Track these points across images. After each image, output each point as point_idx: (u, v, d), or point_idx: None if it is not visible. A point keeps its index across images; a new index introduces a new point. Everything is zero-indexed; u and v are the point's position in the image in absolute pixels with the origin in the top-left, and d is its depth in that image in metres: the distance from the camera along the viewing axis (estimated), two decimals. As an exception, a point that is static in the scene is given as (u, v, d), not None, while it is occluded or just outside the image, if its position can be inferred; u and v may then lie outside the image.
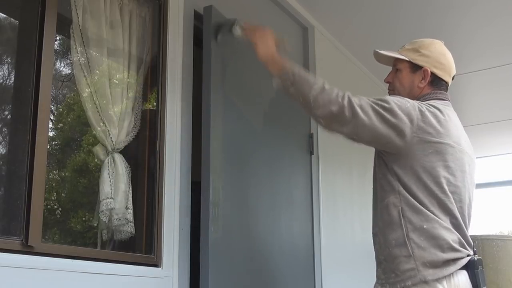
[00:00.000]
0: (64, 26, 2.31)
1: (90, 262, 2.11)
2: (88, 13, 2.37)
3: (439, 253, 1.92)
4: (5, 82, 2.51)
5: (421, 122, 2.01)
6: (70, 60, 2.50)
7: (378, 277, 2.04)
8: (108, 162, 2.34)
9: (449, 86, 2.24)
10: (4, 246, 1.85)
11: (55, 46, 2.33)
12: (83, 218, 3.05)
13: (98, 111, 2.34)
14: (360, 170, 4.24)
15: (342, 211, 3.96)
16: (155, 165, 2.49)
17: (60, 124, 3.43)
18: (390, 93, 2.27)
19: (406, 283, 1.91)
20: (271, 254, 2.88)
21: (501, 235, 4.94)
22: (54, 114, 3.36)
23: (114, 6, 2.48)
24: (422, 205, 1.97)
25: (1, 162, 2.44)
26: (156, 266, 2.37)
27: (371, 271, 2.17)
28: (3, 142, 2.52)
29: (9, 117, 2.47)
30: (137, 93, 2.57)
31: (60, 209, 3.10)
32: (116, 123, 2.39)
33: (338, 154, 3.91)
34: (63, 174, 3.33)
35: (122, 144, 2.41)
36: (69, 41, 2.33)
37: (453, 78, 2.26)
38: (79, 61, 2.32)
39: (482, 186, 6.93)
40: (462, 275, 1.95)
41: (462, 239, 1.99)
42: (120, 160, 2.38)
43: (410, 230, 1.95)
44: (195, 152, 2.63)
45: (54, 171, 3.27)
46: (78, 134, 3.39)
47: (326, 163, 3.69)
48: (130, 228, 2.36)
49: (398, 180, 2.00)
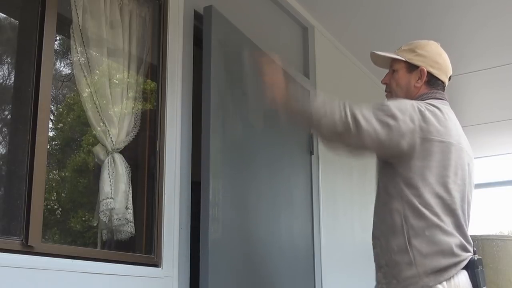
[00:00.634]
0: (64, 26, 2.31)
1: (90, 262, 2.11)
2: (88, 13, 2.37)
3: (441, 259, 1.92)
4: (5, 82, 2.51)
5: (422, 123, 2.01)
6: (70, 60, 2.51)
7: (378, 281, 2.04)
8: (108, 162, 2.34)
9: (446, 87, 2.24)
10: (4, 246, 1.85)
11: (55, 46, 2.33)
12: (83, 218, 3.05)
13: (98, 111, 2.34)
14: (360, 170, 4.24)
15: (342, 211, 3.96)
16: (155, 165, 2.49)
17: (60, 124, 3.43)
18: (387, 94, 2.27)
19: None
20: (271, 254, 2.88)
21: (501, 235, 4.94)
22: (54, 114, 3.37)
23: (114, 6, 2.48)
24: (427, 207, 1.97)
25: (1, 162, 2.44)
26: (156, 266, 2.37)
27: (371, 271, 2.17)
28: (3, 142, 2.52)
29: (9, 117, 2.47)
30: (137, 93, 2.57)
31: (60, 209, 3.10)
32: (116, 123, 2.39)
33: (338, 154, 3.91)
34: (63, 174, 3.33)
35: (122, 144, 2.41)
36: (69, 41, 2.33)
37: (449, 79, 2.26)
38: (79, 61, 2.32)
39: (482, 186, 6.92)
40: (462, 275, 1.95)
41: (464, 241, 1.99)
42: (120, 160, 2.38)
43: (412, 236, 1.94)
44: (195, 152, 2.64)
45: (54, 171, 3.27)
46: (78, 134, 3.39)
47: (326, 163, 3.69)
48: (130, 228, 2.36)
49: (403, 182, 2.00)
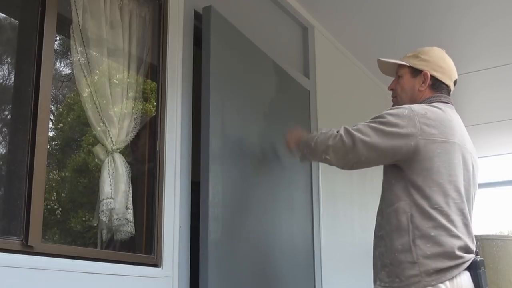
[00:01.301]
0: (64, 26, 2.31)
1: (90, 262, 2.11)
2: (88, 13, 2.37)
3: (444, 260, 1.94)
4: (5, 82, 2.51)
5: (424, 125, 2.03)
6: (70, 60, 2.50)
7: (381, 279, 2.04)
8: (108, 162, 2.34)
9: (451, 91, 2.26)
10: (4, 246, 1.85)
11: (55, 46, 2.33)
12: (83, 218, 3.05)
13: (98, 111, 2.34)
14: (360, 170, 4.21)
15: (342, 212, 3.96)
16: (155, 165, 2.49)
17: (60, 124, 3.44)
18: (393, 100, 2.33)
19: None
20: (271, 254, 2.88)
21: (501, 235, 4.93)
22: (54, 114, 3.37)
23: (114, 6, 2.48)
24: (435, 207, 1.98)
25: (1, 162, 2.44)
26: (156, 266, 2.37)
27: (371, 271, 2.17)
28: (3, 142, 2.52)
29: (9, 117, 2.47)
30: (137, 93, 2.57)
31: (60, 209, 3.10)
32: (116, 123, 2.39)
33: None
34: (63, 174, 3.33)
35: (122, 144, 2.41)
36: (69, 41, 2.32)
37: (455, 84, 2.28)
38: (79, 61, 2.32)
39: (482, 186, 6.87)
40: (465, 276, 1.97)
41: (468, 242, 2.00)
42: (120, 160, 2.38)
43: (417, 237, 1.96)
44: (195, 152, 2.64)
45: (54, 171, 3.27)
46: (78, 134, 3.39)
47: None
48: (130, 228, 2.36)
49: (411, 184, 2.02)
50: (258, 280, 2.75)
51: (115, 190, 2.33)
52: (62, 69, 3.14)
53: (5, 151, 2.49)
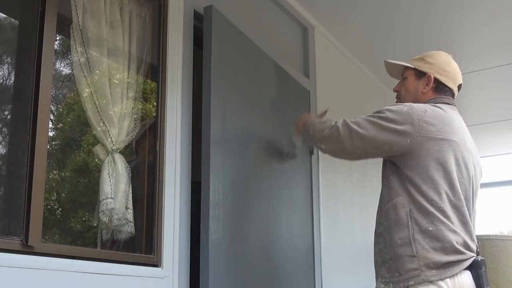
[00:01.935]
0: (64, 26, 2.31)
1: (90, 262, 2.11)
2: (88, 13, 2.37)
3: (443, 255, 1.95)
4: (5, 82, 2.51)
5: (422, 122, 2.05)
6: (70, 60, 2.50)
7: (381, 276, 2.05)
8: (108, 162, 2.34)
9: (455, 96, 2.27)
10: (4, 246, 1.85)
11: (55, 46, 2.33)
12: (83, 218, 3.05)
13: (98, 111, 2.34)
14: (360, 170, 4.24)
15: (342, 211, 3.96)
16: (155, 165, 2.49)
17: (60, 124, 3.44)
18: (397, 101, 2.36)
19: (409, 283, 1.94)
20: (271, 254, 2.88)
21: (501, 235, 4.93)
22: (54, 114, 3.37)
23: (114, 6, 2.48)
24: (432, 203, 2.00)
25: (1, 162, 2.44)
26: (156, 266, 2.37)
27: (371, 271, 2.17)
28: (3, 142, 2.52)
29: (9, 117, 2.47)
30: (137, 93, 2.57)
31: (60, 209, 3.10)
32: (116, 123, 2.39)
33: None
34: (63, 174, 3.33)
35: (122, 144, 2.41)
36: (69, 41, 2.32)
37: (459, 88, 2.29)
38: (79, 61, 2.32)
39: (482, 186, 6.86)
40: (466, 275, 1.97)
41: (467, 239, 2.01)
42: (120, 160, 2.38)
43: (416, 232, 1.98)
44: (195, 152, 2.64)
45: (54, 171, 3.27)
46: (78, 134, 3.39)
47: (326, 163, 3.69)
48: (130, 228, 2.36)
49: (408, 180, 2.04)
50: (258, 279, 2.75)
51: (115, 190, 2.33)
52: (62, 69, 3.14)
53: (5, 151, 2.49)
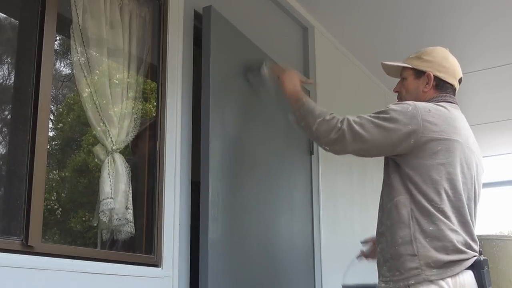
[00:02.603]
0: (64, 26, 2.31)
1: (90, 262, 2.11)
2: (88, 13, 2.37)
3: (444, 255, 1.94)
4: (5, 82, 2.51)
5: (426, 122, 2.04)
6: (70, 60, 2.50)
7: (382, 275, 2.05)
8: (108, 162, 2.34)
9: (457, 90, 2.26)
10: (4, 246, 1.85)
11: (55, 46, 2.33)
12: (83, 218, 3.05)
13: (98, 111, 2.34)
14: (360, 170, 4.24)
15: (342, 211, 3.96)
16: (155, 165, 2.49)
17: (60, 124, 3.44)
18: (399, 100, 2.32)
19: (410, 282, 1.94)
20: (271, 254, 2.88)
21: (501, 235, 4.93)
22: (54, 114, 3.37)
23: (114, 6, 2.48)
24: (432, 203, 1.99)
25: (1, 162, 2.44)
26: (156, 266, 2.37)
27: (371, 271, 2.17)
28: (3, 142, 2.52)
29: (9, 117, 2.47)
30: (137, 93, 2.57)
31: (60, 209, 3.10)
32: (116, 123, 2.39)
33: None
34: (63, 174, 3.34)
35: (122, 144, 2.41)
36: (69, 41, 2.32)
37: (460, 82, 2.28)
38: (79, 61, 2.32)
39: (482, 186, 6.90)
40: (468, 275, 1.97)
41: (468, 239, 2.01)
42: (120, 160, 2.38)
43: (417, 231, 1.97)
44: (195, 152, 2.64)
45: (54, 171, 3.27)
46: (78, 134, 3.39)
47: (326, 163, 3.69)
48: (130, 228, 2.36)
49: (409, 180, 2.03)
50: (258, 280, 2.75)
51: (115, 190, 2.33)
52: (62, 69, 3.14)
53: (5, 151, 2.49)
